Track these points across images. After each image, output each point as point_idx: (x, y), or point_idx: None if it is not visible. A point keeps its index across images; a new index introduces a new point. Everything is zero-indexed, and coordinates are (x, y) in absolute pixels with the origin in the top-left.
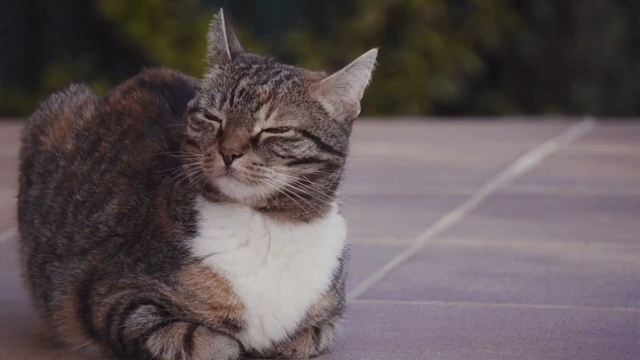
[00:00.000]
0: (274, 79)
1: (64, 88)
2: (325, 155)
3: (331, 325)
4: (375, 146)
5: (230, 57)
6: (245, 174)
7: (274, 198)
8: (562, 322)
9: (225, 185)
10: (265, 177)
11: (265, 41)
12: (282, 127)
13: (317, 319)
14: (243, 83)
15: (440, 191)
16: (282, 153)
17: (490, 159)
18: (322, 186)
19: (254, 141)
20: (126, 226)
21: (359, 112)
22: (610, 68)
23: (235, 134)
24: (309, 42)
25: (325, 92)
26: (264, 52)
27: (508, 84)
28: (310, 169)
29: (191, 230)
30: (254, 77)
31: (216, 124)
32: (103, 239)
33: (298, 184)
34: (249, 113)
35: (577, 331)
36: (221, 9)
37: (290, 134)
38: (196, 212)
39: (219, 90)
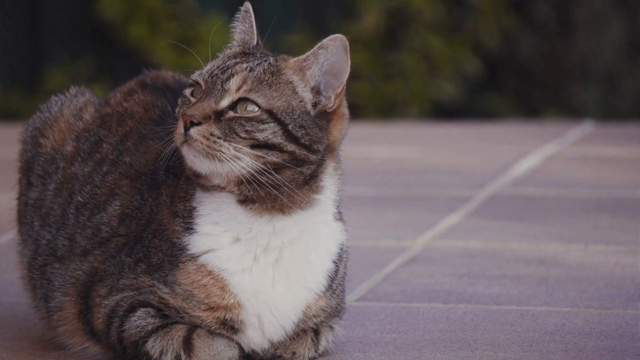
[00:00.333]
0: (256, 62)
1: (63, 90)
2: (290, 147)
3: (331, 327)
4: (375, 148)
5: (255, 45)
6: (201, 143)
7: (241, 183)
8: (562, 324)
9: (186, 154)
10: (222, 152)
11: (264, 43)
12: (249, 99)
13: (315, 320)
14: (231, 62)
15: (439, 193)
16: (243, 134)
17: (490, 161)
18: (290, 179)
19: (219, 115)
20: (128, 226)
21: (331, 105)
22: (610, 70)
23: (200, 104)
24: (308, 44)
25: (296, 71)
26: None
27: (508, 86)
28: (274, 157)
29: (189, 227)
30: (243, 58)
31: (193, 99)
32: (105, 240)
33: (262, 172)
34: (219, 84)
35: (577, 333)
36: (248, 3)
37: (256, 113)
38: (194, 208)
39: (211, 63)
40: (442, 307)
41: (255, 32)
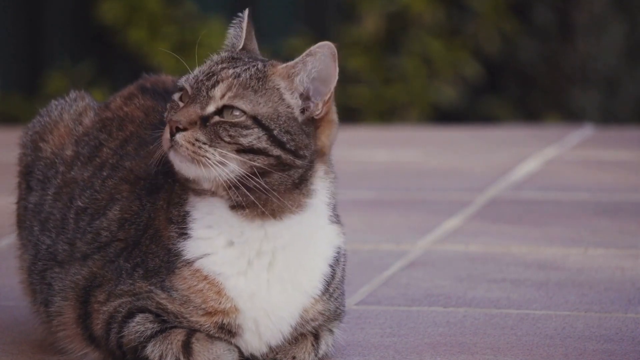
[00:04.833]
0: (244, 67)
1: (63, 94)
2: (276, 151)
3: (330, 331)
4: (375, 152)
5: (241, 48)
6: (187, 149)
7: (229, 188)
8: (562, 328)
9: (173, 159)
10: (207, 158)
11: (265, 47)
12: (234, 106)
13: (313, 323)
14: (218, 67)
15: (440, 197)
16: (227, 139)
17: (490, 165)
18: (277, 183)
19: (205, 120)
20: (127, 231)
21: (318, 112)
22: (610, 74)
23: (186, 109)
24: (308, 47)
25: (284, 77)
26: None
27: (508, 89)
28: (259, 162)
29: (183, 232)
30: (231, 64)
31: (181, 104)
32: (104, 244)
33: (249, 176)
34: (204, 91)
35: (577, 337)
36: (246, 10)
37: (240, 119)
38: (188, 212)
39: (198, 68)
40: (442, 310)
41: (243, 36)
